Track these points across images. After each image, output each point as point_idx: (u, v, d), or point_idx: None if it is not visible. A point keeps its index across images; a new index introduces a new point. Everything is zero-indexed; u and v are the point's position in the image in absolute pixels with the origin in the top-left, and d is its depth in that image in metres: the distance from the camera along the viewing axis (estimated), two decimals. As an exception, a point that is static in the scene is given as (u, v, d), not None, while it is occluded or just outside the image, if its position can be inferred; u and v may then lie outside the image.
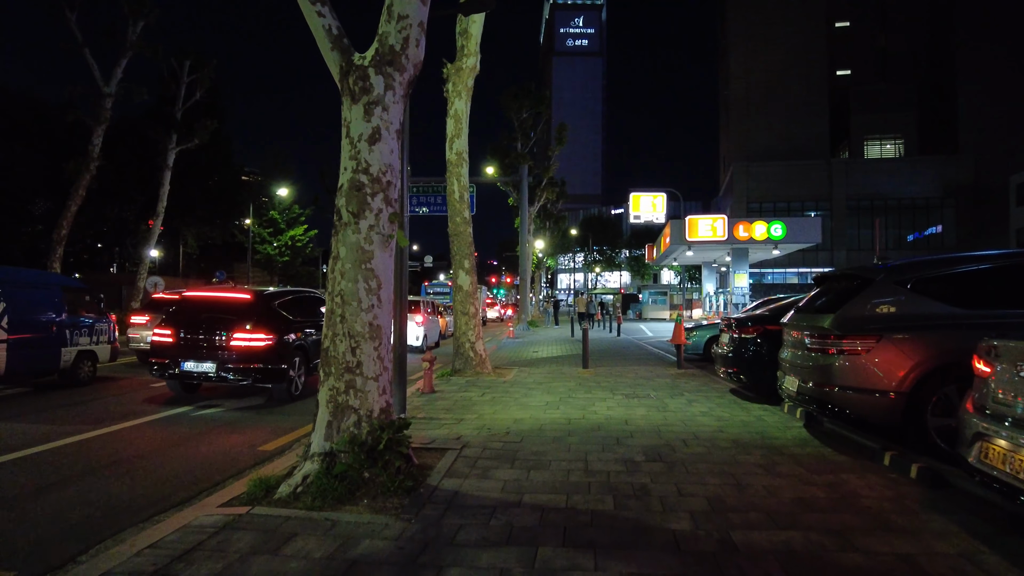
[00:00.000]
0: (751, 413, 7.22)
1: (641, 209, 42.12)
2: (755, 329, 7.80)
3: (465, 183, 11.10)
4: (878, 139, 51.87)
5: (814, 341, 5.38)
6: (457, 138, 11.06)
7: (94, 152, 21.76)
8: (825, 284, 6.20)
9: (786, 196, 48.51)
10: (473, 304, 10.94)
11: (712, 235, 25.11)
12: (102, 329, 10.35)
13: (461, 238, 10.96)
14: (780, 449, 5.47)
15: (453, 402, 8.06)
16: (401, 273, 7.09)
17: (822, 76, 51.71)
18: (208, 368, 8.57)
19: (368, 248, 4.51)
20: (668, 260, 36.11)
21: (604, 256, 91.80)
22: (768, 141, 51.03)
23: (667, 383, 9.86)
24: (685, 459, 5.13)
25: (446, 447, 5.48)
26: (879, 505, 3.96)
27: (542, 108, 32.93)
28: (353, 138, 4.61)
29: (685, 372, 11.32)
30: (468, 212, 11.10)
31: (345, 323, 4.45)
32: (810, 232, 25.59)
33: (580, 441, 5.77)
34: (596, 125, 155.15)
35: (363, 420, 4.41)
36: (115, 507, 4.34)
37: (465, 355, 10.76)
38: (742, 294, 26.84)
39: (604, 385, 9.59)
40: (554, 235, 55.97)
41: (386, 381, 4.58)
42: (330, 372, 4.47)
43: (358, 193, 4.53)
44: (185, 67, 26.53)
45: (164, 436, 6.58)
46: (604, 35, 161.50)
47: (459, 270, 10.95)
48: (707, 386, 9.54)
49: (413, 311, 17.75)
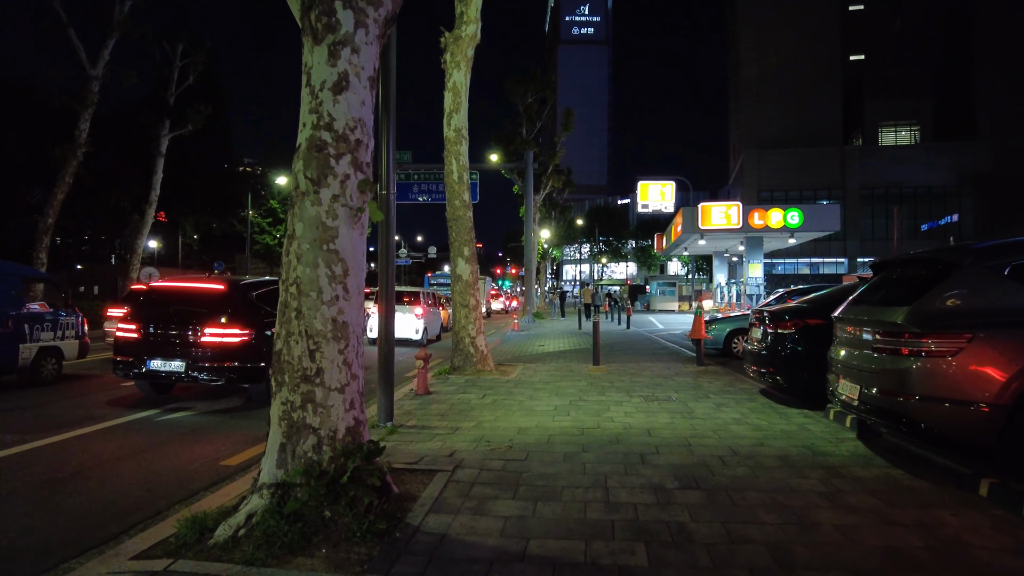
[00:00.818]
0: (791, 421, 6.26)
1: (650, 198, 41.10)
2: (794, 323, 6.82)
3: (464, 163, 10.12)
4: (893, 125, 50.43)
5: (883, 340, 4.41)
6: (456, 113, 10.07)
7: (81, 137, 20.86)
8: (889, 271, 5.21)
9: (798, 184, 47.22)
10: (474, 295, 9.99)
11: (726, 223, 24.04)
12: (68, 323, 9.45)
13: (460, 223, 10.00)
14: (839, 470, 4.52)
15: (450, 406, 7.13)
16: (388, 254, 6.14)
17: (835, 61, 50.21)
18: (177, 367, 7.67)
19: (331, 224, 3.56)
20: (678, 250, 35.03)
21: (610, 247, 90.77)
22: (779, 128, 49.67)
23: (688, 383, 8.90)
24: (727, 484, 4.18)
25: (435, 468, 4.55)
26: (1001, 562, 3.00)
27: (547, 93, 31.83)
28: (315, 87, 3.65)
29: (706, 369, 10.36)
30: (468, 195, 10.13)
31: (302, 319, 3.51)
32: (828, 220, 24.48)
33: (597, 459, 4.83)
34: (602, 114, 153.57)
35: (324, 443, 3.48)
36: (10, 554, 3.42)
37: (465, 351, 9.83)
38: (756, 284, 25.82)
39: (619, 385, 8.64)
40: (560, 225, 54.95)
41: (355, 392, 3.64)
42: (283, 382, 3.53)
43: (319, 155, 3.58)
44: (178, 50, 25.57)
45: (117, 447, 5.68)
46: (610, 23, 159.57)
47: (458, 258, 9.99)
48: (733, 386, 8.58)
49: (412, 302, 16.88)
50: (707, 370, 10.29)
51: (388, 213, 6.10)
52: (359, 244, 3.69)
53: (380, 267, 6.15)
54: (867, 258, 47.50)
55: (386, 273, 6.11)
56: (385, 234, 6.11)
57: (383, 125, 6.07)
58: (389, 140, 6.08)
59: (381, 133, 6.08)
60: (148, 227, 25.60)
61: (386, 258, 6.11)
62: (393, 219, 6.19)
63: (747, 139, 50.45)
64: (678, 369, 10.46)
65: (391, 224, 6.16)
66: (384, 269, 6.12)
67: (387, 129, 6.06)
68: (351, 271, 3.62)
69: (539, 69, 31.23)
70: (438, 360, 12.50)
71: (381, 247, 6.14)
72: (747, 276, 25.78)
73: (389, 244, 6.13)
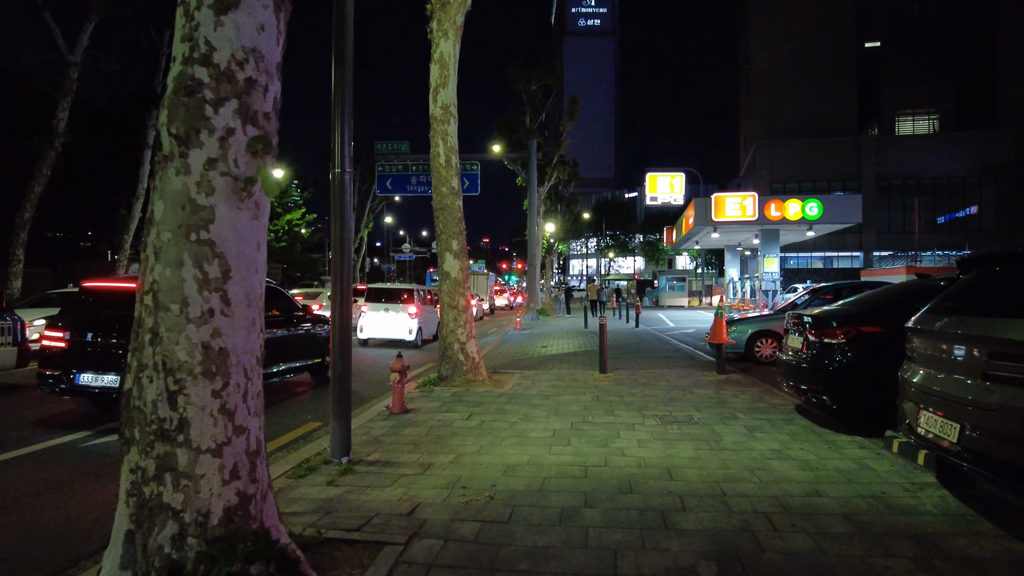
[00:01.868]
0: (845, 454, 5.04)
1: (658, 190, 39.85)
2: (844, 332, 5.58)
3: (452, 145, 8.91)
4: (910, 114, 48.68)
5: (1003, 365, 3.19)
6: (443, 88, 8.86)
7: (59, 127, 19.80)
8: (984, 269, 3.98)
9: (812, 176, 45.64)
10: (463, 295, 8.80)
11: (741, 214, 22.70)
12: (1, 328, 8.34)
13: (448, 213, 8.80)
14: (936, 541, 3.31)
15: (427, 430, 5.96)
16: (343, 247, 4.96)
17: (850, 47, 48.47)
18: (111, 382, 6.56)
19: (204, 202, 2.38)
20: (689, 243, 33.71)
21: (617, 241, 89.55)
22: (792, 118, 48.05)
23: (710, 396, 7.68)
24: (786, 570, 2.99)
25: (383, 539, 3.35)
26: None
27: (552, 80, 30.50)
28: (189, 5, 2.47)
29: (728, 379, 9.13)
30: (457, 181, 8.93)
31: (159, 344, 2.33)
32: (849, 211, 23.10)
33: (603, 520, 3.63)
34: (609, 107, 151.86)
35: (190, 533, 2.30)
36: None
37: (453, 359, 8.64)
38: (772, 280, 24.51)
39: (629, 400, 7.43)
40: (566, 219, 53.68)
41: (240, 454, 2.45)
42: (132, 439, 2.36)
43: (189, 101, 2.39)
44: (164, 37, 24.45)
45: (17, 485, 4.55)
46: (617, 14, 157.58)
47: (445, 252, 8.80)
48: (763, 401, 7.36)
49: (406, 300, 15.76)
50: (729, 379, 9.06)
51: (343, 198, 4.91)
52: (250, 233, 2.51)
53: (334, 261, 4.97)
54: (884, 251, 45.98)
55: (340, 271, 4.93)
56: (339, 225, 4.92)
57: (337, 87, 4.88)
58: (344, 108, 4.89)
59: (335, 98, 4.89)
60: (136, 222, 24.49)
61: (340, 251, 4.92)
62: (349, 206, 5.00)
63: (759, 129, 48.88)
64: (696, 378, 9.24)
65: (347, 213, 4.97)
66: (338, 264, 4.94)
67: (341, 92, 4.86)
68: (234, 273, 2.43)
69: (543, 55, 29.91)
70: (430, 364, 11.34)
71: (335, 238, 4.95)
72: (762, 271, 24.47)
73: (345, 238, 4.94)
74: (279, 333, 8.44)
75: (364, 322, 15.72)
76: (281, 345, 8.46)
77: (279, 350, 8.40)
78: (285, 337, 8.62)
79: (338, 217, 4.89)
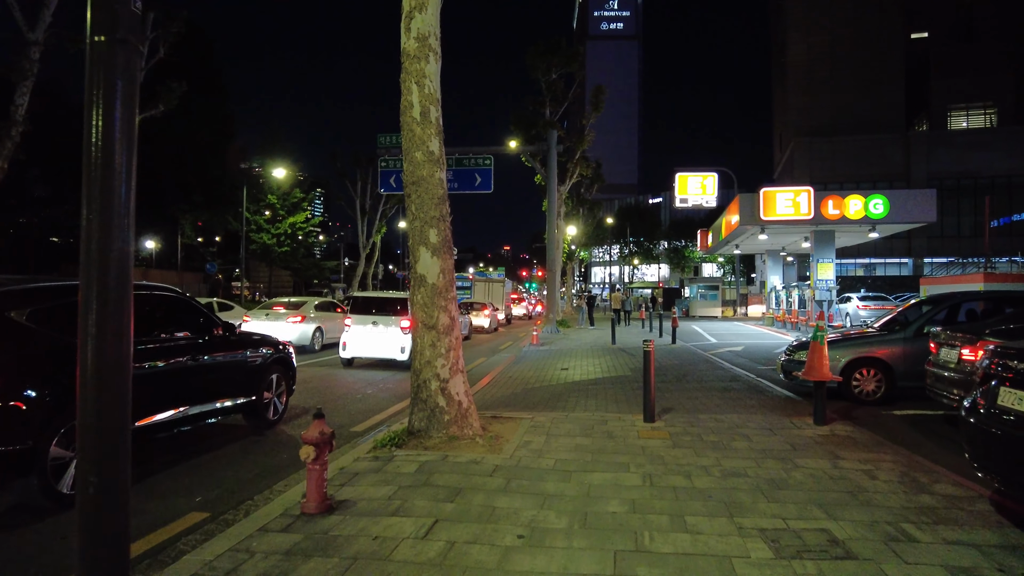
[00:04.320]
0: None
1: (688, 191, 36.80)
2: None
3: (432, 91, 6.14)
4: (964, 107, 44.84)
5: None
6: (419, 12, 6.12)
7: (18, 114, 17.50)
8: None
9: (855, 176, 42.02)
10: (446, 309, 6.00)
11: (794, 213, 19.57)
12: None
13: (424, 189, 6.02)
14: None
15: (344, 567, 3.18)
16: (108, 143, 2.15)
17: (897, 36, 44.83)
18: None
19: None
20: (728, 247, 30.54)
21: (641, 248, 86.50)
22: (833, 113, 44.57)
23: (830, 476, 4.76)
24: None
25: None
26: None
27: (574, 67, 27.78)
28: None
29: (835, 433, 6.18)
30: (439, 144, 6.15)
31: None
32: (920, 208, 19.83)
33: None
34: (632, 112, 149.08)
35: None
36: None
37: (430, 404, 5.84)
38: (826, 288, 21.35)
39: (703, 484, 4.54)
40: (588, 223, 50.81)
41: None
42: None
43: None
44: (148, 19, 22.22)
45: None
46: (640, 18, 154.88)
47: (419, 247, 6.00)
48: (924, 489, 4.42)
49: (400, 312, 13.01)
50: (836, 435, 6.11)
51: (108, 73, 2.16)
52: None
53: (87, 204, 2.22)
54: (936, 258, 42.20)
55: (99, 239, 2.17)
56: (101, 121, 2.17)
57: None
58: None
59: None
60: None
61: (99, 183, 2.16)
62: (118, 90, 2.23)
63: (796, 127, 45.47)
64: (787, 431, 6.31)
65: (113, 101, 2.21)
66: (96, 224, 2.18)
67: None
68: None
69: (564, 39, 27.13)
70: (396, 409, 8.51)
71: (87, 146, 2.20)
72: (815, 278, 21.30)
73: (110, 149, 2.18)
74: (176, 362, 5.75)
75: (348, 338, 13.00)
76: (178, 379, 5.78)
77: (177, 386, 5.73)
78: (189, 368, 5.93)
79: (98, 108, 2.14)
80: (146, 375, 5.31)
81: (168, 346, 5.76)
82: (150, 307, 5.82)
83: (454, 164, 23.48)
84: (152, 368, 5.44)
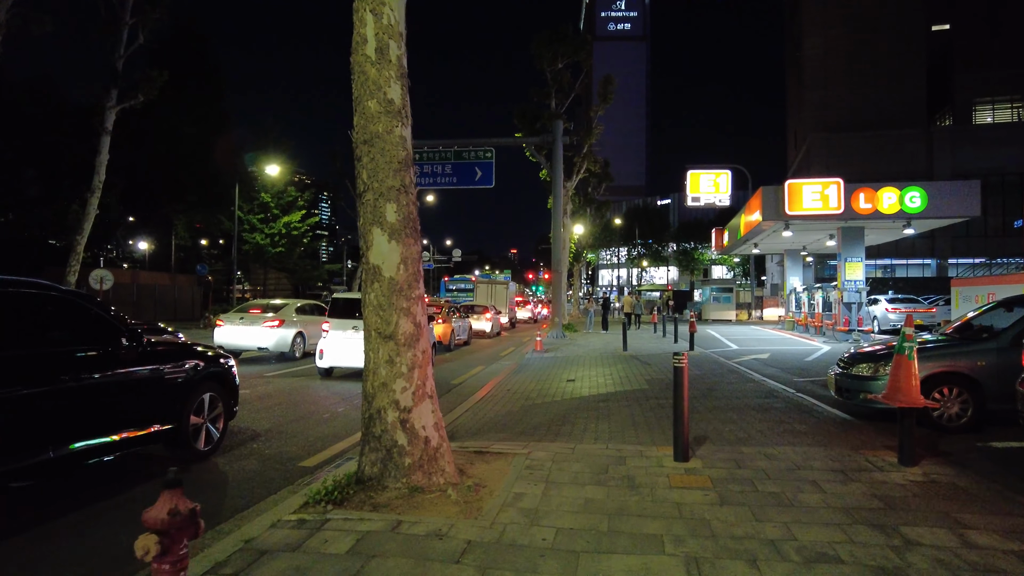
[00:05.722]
0: None
1: (701, 189, 35.24)
2: None
3: (393, 21, 4.60)
4: (990, 102, 42.90)
5: None
6: (375, -81, 4.58)
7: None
8: None
9: (875, 173, 39.95)
10: (409, 314, 4.45)
11: (822, 207, 17.89)
12: None
13: (379, 149, 4.47)
14: None
15: None
16: None
17: (917, 29, 43.01)
18: None
19: None
20: (746, 246, 28.84)
21: (650, 250, 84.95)
22: (851, 108, 42.74)
23: (958, 553, 3.17)
24: None
25: None
26: None
27: (582, 57, 26.26)
28: None
29: (933, 481, 4.57)
30: (398, 89, 4.59)
31: None
32: (962, 202, 18.08)
33: None
34: (640, 113, 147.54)
35: None
36: None
37: (385, 442, 4.29)
38: (855, 290, 19.68)
39: (773, 573, 2.98)
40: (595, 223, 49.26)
41: None
42: None
43: None
44: (128, 5, 20.88)
45: None
46: (648, 18, 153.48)
47: (372, 228, 4.45)
48: None
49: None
50: (934, 482, 4.51)
51: None
52: None
53: None
54: (960, 259, 40.30)
55: None
56: None
57: None
58: None
59: None
60: (91, 220, 20.71)
61: None
62: None
63: (812, 122, 43.67)
64: (867, 475, 4.71)
65: None
66: None
67: None
68: None
69: (571, 27, 25.62)
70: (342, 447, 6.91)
71: None
72: (843, 279, 19.62)
73: None
74: (46, 384, 4.24)
75: (326, 345, 11.47)
76: (51, 407, 4.26)
77: (46, 418, 4.22)
78: (69, 390, 4.41)
79: None
80: (43, 397, 3.92)
81: (31, 363, 4.23)
82: (10, 309, 4.31)
83: (453, 157, 21.94)
84: (49, 390, 4.05)
